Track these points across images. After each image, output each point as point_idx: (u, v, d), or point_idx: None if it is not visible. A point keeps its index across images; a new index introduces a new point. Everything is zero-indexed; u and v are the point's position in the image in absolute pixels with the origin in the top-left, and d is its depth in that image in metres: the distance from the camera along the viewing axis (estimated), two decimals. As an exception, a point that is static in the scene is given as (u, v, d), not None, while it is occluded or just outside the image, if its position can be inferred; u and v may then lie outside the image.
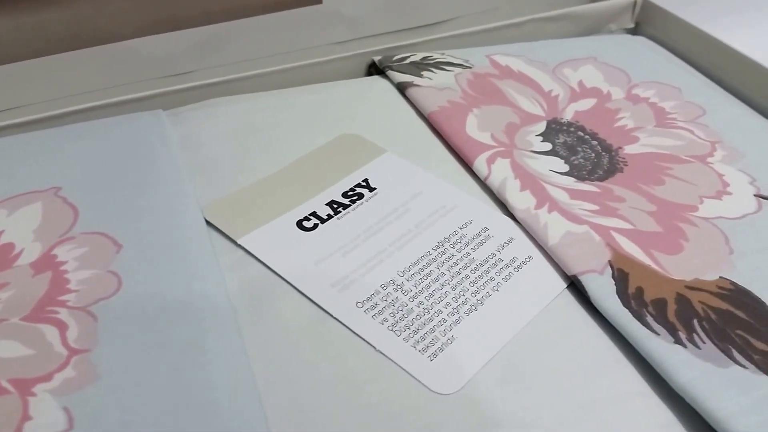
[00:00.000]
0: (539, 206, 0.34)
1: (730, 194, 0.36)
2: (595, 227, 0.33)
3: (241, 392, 0.25)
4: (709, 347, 0.28)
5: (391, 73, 0.44)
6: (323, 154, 0.38)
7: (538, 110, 0.42)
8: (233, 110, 0.40)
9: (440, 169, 0.38)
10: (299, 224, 0.33)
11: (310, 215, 0.34)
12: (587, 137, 0.40)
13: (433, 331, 0.29)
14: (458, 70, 0.45)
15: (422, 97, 0.42)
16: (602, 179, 0.37)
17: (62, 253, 0.31)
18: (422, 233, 0.33)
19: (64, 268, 0.30)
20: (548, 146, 0.39)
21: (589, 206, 0.35)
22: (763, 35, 0.49)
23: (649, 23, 0.53)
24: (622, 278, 0.31)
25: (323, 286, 0.30)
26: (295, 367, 0.27)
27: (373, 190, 0.36)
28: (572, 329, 0.30)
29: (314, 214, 0.34)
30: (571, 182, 0.36)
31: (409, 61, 0.46)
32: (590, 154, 0.39)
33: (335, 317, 0.29)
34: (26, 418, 0.24)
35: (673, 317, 0.29)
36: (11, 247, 0.31)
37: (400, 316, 0.29)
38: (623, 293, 0.30)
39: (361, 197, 0.35)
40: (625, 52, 0.48)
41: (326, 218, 0.34)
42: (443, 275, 0.31)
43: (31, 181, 0.34)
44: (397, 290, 0.30)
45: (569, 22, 0.51)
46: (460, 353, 0.28)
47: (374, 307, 0.30)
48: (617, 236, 0.33)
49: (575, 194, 0.35)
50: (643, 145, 0.39)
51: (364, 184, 0.36)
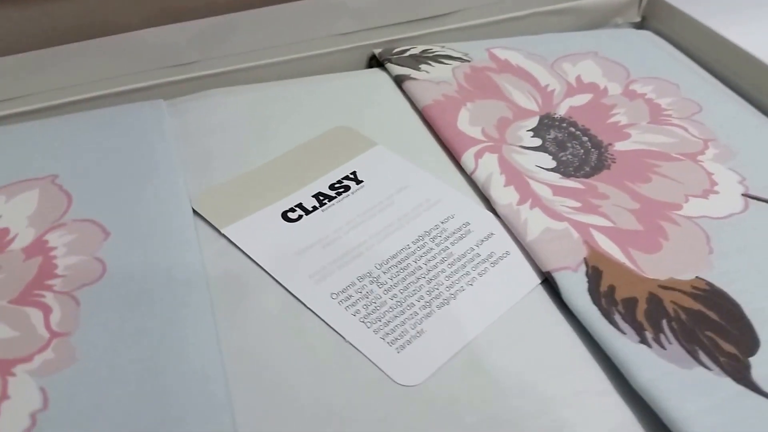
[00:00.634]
0: (521, 202, 0.35)
1: (717, 193, 0.36)
2: (574, 224, 0.34)
3: (208, 380, 0.26)
4: (674, 348, 0.28)
5: (389, 65, 0.45)
6: (315, 146, 0.39)
7: (532, 105, 0.42)
8: (230, 101, 0.41)
9: (430, 163, 0.38)
10: (284, 215, 0.34)
11: (295, 207, 0.35)
12: (578, 133, 0.40)
13: (403, 323, 0.29)
14: (456, 63, 0.45)
15: (418, 90, 0.42)
16: (588, 176, 0.37)
17: (53, 239, 0.32)
18: (404, 226, 0.34)
19: (53, 253, 0.31)
20: (538, 142, 0.39)
21: (571, 203, 0.35)
22: (769, 32, 0.48)
23: (655, 18, 0.53)
24: (595, 276, 0.31)
25: (301, 276, 0.31)
26: (265, 355, 0.28)
27: (360, 182, 0.36)
28: (542, 325, 0.30)
29: (300, 205, 0.35)
30: (556, 178, 0.37)
31: (408, 54, 0.46)
32: (579, 150, 0.39)
33: (309, 308, 0.30)
34: (4, 397, 0.25)
35: (641, 317, 0.29)
36: (6, 232, 0.32)
37: (372, 308, 0.30)
38: (594, 291, 0.30)
39: (347, 189, 0.36)
40: (627, 46, 0.48)
41: (311, 210, 0.35)
42: (420, 269, 0.32)
43: (30, 168, 0.36)
44: (372, 283, 0.31)
45: (573, 15, 0.51)
46: (427, 346, 0.29)
47: (348, 298, 0.30)
48: (596, 234, 0.33)
49: (559, 191, 0.36)
50: (634, 141, 0.39)
51: (351, 176, 0.37)
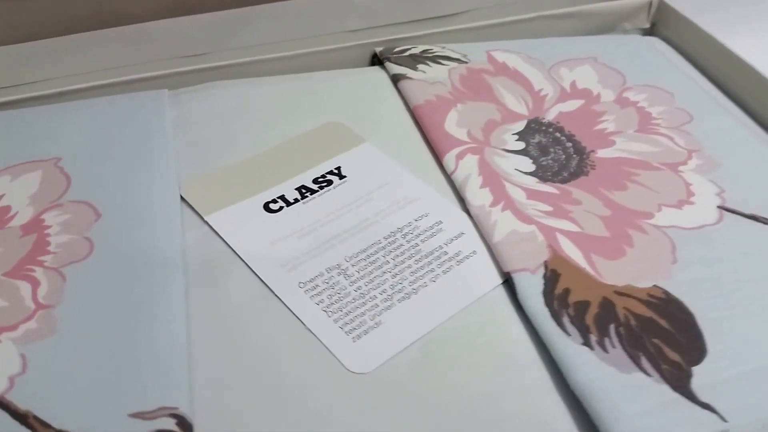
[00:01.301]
0: (495, 204, 0.36)
1: (692, 204, 0.37)
2: (542, 228, 0.35)
3: (172, 355, 0.29)
4: (617, 352, 0.29)
5: (388, 64, 0.46)
6: (304, 140, 0.40)
7: (522, 109, 0.43)
8: (229, 93, 0.43)
9: (415, 162, 0.40)
10: (266, 206, 0.36)
11: (278, 198, 0.37)
12: (563, 138, 0.41)
13: (363, 314, 0.31)
14: (454, 64, 0.46)
15: (411, 90, 0.44)
16: (565, 181, 0.38)
17: (50, 218, 0.35)
18: (379, 222, 0.36)
19: (47, 231, 0.34)
20: (521, 145, 0.40)
21: (543, 207, 0.36)
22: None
23: (663, 25, 0.53)
24: (552, 279, 0.32)
25: (273, 265, 0.33)
26: (229, 335, 0.30)
27: (343, 178, 0.38)
28: (496, 324, 0.31)
29: (282, 197, 0.37)
30: (533, 182, 0.38)
31: (408, 53, 0.47)
32: (561, 155, 0.40)
33: (276, 294, 0.32)
34: (-13, 360, 0.28)
35: (590, 320, 0.30)
36: (8, 209, 0.35)
37: (336, 298, 0.32)
38: (549, 293, 0.31)
39: (330, 184, 0.38)
40: (628, 53, 0.48)
41: (293, 202, 0.37)
42: (387, 263, 0.33)
43: (36, 151, 0.38)
44: (340, 274, 0.33)
45: (579, 19, 0.52)
46: (382, 337, 0.30)
47: (314, 288, 0.32)
48: (561, 238, 0.34)
49: (533, 194, 0.37)
50: (617, 149, 0.40)
51: (336, 171, 0.39)
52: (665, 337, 0.30)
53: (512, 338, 0.31)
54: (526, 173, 0.38)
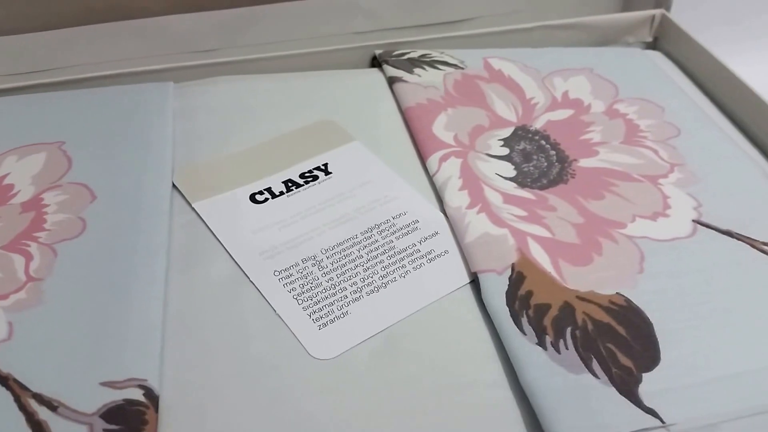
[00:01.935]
0: (471, 206, 0.37)
1: (667, 216, 0.38)
2: (514, 231, 0.36)
3: (147, 331, 0.30)
4: (570, 354, 0.30)
5: (386, 66, 0.48)
6: (296, 136, 0.42)
7: (511, 116, 0.44)
8: (230, 88, 0.45)
9: (400, 162, 0.41)
10: (252, 197, 0.38)
11: (264, 190, 0.39)
12: (548, 146, 0.42)
13: (331, 304, 0.33)
14: (450, 70, 0.48)
15: (405, 92, 0.45)
16: (543, 188, 0.39)
17: (49, 197, 0.37)
18: (357, 218, 0.37)
19: (45, 210, 0.36)
20: (506, 151, 0.41)
21: (518, 211, 0.37)
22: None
23: (666, 39, 0.54)
24: (517, 281, 0.33)
25: (252, 253, 0.35)
26: (203, 316, 0.32)
27: (329, 174, 0.40)
28: (459, 321, 0.33)
29: (269, 189, 0.39)
30: (511, 187, 0.39)
31: (406, 57, 0.49)
32: (543, 163, 0.41)
33: (252, 281, 0.34)
34: (-22, 325, 0.30)
35: (548, 322, 0.32)
36: (11, 187, 0.37)
37: (307, 287, 0.33)
38: (512, 294, 0.33)
39: (315, 179, 0.39)
40: (625, 65, 0.49)
41: (278, 194, 0.38)
42: (361, 257, 0.35)
43: (43, 134, 0.41)
44: (314, 265, 0.34)
45: (581, 31, 0.53)
46: (347, 327, 0.32)
47: (288, 277, 0.34)
48: (531, 242, 0.35)
49: (509, 199, 0.38)
50: (599, 159, 0.41)
51: (322, 168, 0.40)
52: (620, 342, 0.31)
53: (473, 335, 0.32)
54: (506, 178, 0.39)
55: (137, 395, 0.28)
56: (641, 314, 0.32)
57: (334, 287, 0.33)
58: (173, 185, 0.38)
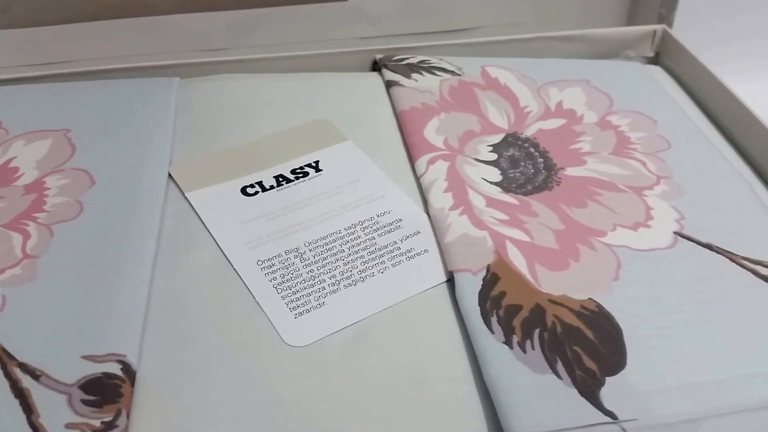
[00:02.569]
0: (454, 208, 0.38)
1: (648, 227, 0.38)
2: (493, 234, 0.37)
3: (131, 310, 0.32)
4: (535, 354, 0.31)
5: (384, 71, 0.49)
6: (291, 134, 0.44)
7: (503, 123, 0.45)
8: (233, 86, 0.47)
9: (390, 162, 0.42)
10: (243, 189, 0.39)
11: (255, 183, 0.40)
12: (536, 154, 0.43)
13: (309, 295, 0.34)
14: (447, 76, 0.49)
15: (401, 96, 0.46)
16: (527, 194, 0.40)
17: (50, 181, 0.39)
18: (343, 214, 0.38)
19: (46, 192, 0.38)
20: (494, 157, 0.42)
21: (499, 215, 0.38)
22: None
23: (667, 55, 0.54)
24: (492, 281, 0.34)
25: (238, 243, 0.36)
26: (185, 299, 0.33)
27: (319, 171, 0.41)
28: (431, 318, 0.34)
29: (260, 183, 0.40)
30: (496, 192, 0.40)
31: (405, 62, 0.50)
32: (530, 169, 0.42)
33: (235, 269, 0.35)
34: (-26, 296, 0.32)
35: (517, 323, 0.32)
36: (16, 170, 0.39)
37: (288, 278, 0.35)
38: (484, 294, 0.34)
39: (306, 175, 0.41)
40: (622, 78, 0.50)
41: (268, 188, 0.40)
42: (342, 252, 0.36)
43: (51, 121, 0.43)
44: (297, 257, 0.36)
45: (581, 43, 0.53)
46: (322, 317, 0.33)
47: (271, 266, 0.35)
48: (510, 245, 0.36)
49: (492, 202, 0.39)
50: (587, 169, 0.42)
51: (314, 164, 0.41)
52: (587, 346, 0.32)
53: (444, 332, 0.33)
54: (491, 182, 0.40)
55: (115, 369, 0.30)
56: (611, 320, 0.33)
57: (313, 279, 0.35)
58: (169, 175, 0.40)
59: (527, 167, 0.42)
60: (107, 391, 0.29)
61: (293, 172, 0.41)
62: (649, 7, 0.57)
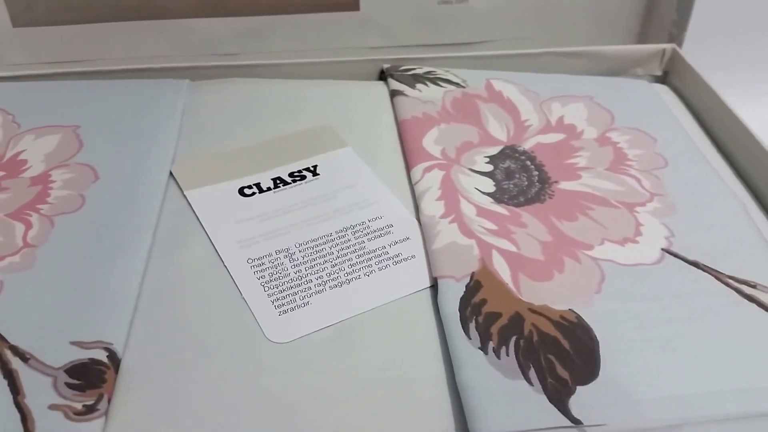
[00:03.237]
0: (445, 216, 0.39)
1: (636, 243, 0.38)
2: (480, 243, 0.37)
3: (121, 300, 0.33)
4: (509, 360, 0.32)
5: (390, 80, 0.50)
6: (293, 138, 0.45)
7: (502, 135, 0.46)
8: (241, 89, 0.48)
9: (387, 170, 0.43)
10: (241, 190, 0.41)
11: (253, 184, 0.41)
12: (532, 167, 0.43)
13: (295, 294, 0.35)
14: (451, 87, 0.50)
15: (403, 105, 0.47)
16: (519, 205, 0.40)
17: (56, 174, 0.40)
18: (335, 218, 0.39)
19: (51, 185, 0.39)
20: (490, 168, 0.43)
21: (489, 225, 0.39)
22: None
23: (675, 74, 0.54)
24: (474, 288, 0.35)
25: (230, 241, 0.37)
26: (175, 293, 0.34)
27: (317, 175, 0.42)
28: (412, 321, 0.34)
29: (257, 184, 0.41)
30: (487, 202, 0.40)
31: (411, 72, 0.51)
32: (524, 182, 0.42)
33: (225, 265, 0.36)
34: (-26, 280, 0.33)
35: (495, 329, 0.33)
36: (24, 162, 0.41)
37: (276, 277, 0.36)
38: (466, 300, 0.34)
39: (303, 179, 0.42)
40: (626, 96, 0.50)
41: (265, 190, 0.41)
42: (331, 254, 0.37)
43: (62, 117, 0.44)
44: (286, 257, 0.37)
45: (588, 60, 0.54)
46: (305, 316, 0.34)
47: (260, 265, 0.36)
48: (495, 254, 0.37)
49: (483, 212, 0.39)
50: (581, 183, 0.42)
51: (311, 169, 0.43)
52: (561, 355, 0.32)
53: (423, 335, 0.34)
54: (484, 193, 0.41)
55: (101, 356, 0.31)
56: (589, 332, 0.33)
57: (300, 278, 0.35)
58: (171, 174, 0.41)
59: (521, 179, 0.42)
60: (91, 376, 0.30)
61: (291, 175, 0.42)
62: (660, 26, 0.57)
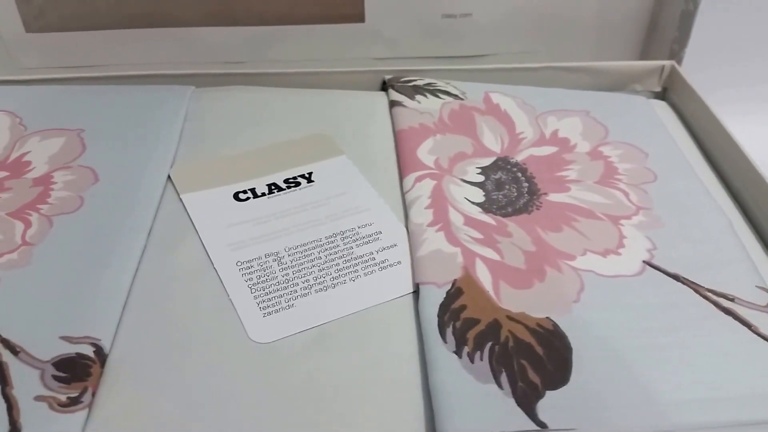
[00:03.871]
0: (432, 224, 0.40)
1: (618, 255, 0.39)
2: (465, 251, 0.38)
3: (112, 298, 0.34)
4: (482, 365, 0.32)
5: (390, 91, 0.51)
6: (290, 145, 0.46)
7: (495, 147, 0.47)
8: (244, 97, 0.50)
9: (381, 178, 0.44)
10: (236, 195, 0.42)
11: (248, 190, 0.42)
12: (522, 178, 0.44)
13: (280, 297, 0.36)
14: (449, 99, 0.50)
15: (401, 116, 0.48)
16: (506, 215, 0.41)
17: (58, 176, 0.42)
18: (326, 223, 0.40)
19: (52, 186, 0.41)
20: (481, 178, 0.44)
21: (475, 234, 0.39)
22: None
23: (673, 91, 0.55)
24: (455, 295, 0.36)
25: (221, 244, 0.39)
26: (164, 292, 0.36)
27: (311, 182, 0.43)
28: (392, 325, 0.35)
29: (252, 189, 0.42)
30: (476, 211, 0.41)
31: (412, 84, 0.52)
32: (513, 193, 0.43)
33: (215, 268, 0.37)
34: (-27, 276, 0.35)
35: (471, 335, 0.34)
36: (29, 164, 0.42)
37: (263, 279, 0.37)
38: (445, 306, 0.35)
39: (297, 185, 0.43)
40: (622, 111, 0.51)
41: (260, 195, 0.42)
42: (319, 259, 0.38)
43: (68, 121, 0.46)
44: (275, 261, 0.38)
45: (588, 75, 0.54)
46: (289, 318, 0.35)
47: (249, 268, 0.37)
48: (479, 262, 0.38)
49: (470, 221, 0.40)
50: (569, 196, 0.43)
51: (306, 176, 0.44)
52: (534, 360, 0.33)
53: (402, 339, 0.34)
54: (473, 203, 0.42)
55: (88, 351, 0.32)
56: (564, 339, 0.34)
57: (287, 282, 0.37)
58: (168, 177, 0.43)
59: (511, 190, 0.43)
60: (77, 370, 0.31)
61: (286, 181, 0.43)
62: (662, 42, 0.58)
